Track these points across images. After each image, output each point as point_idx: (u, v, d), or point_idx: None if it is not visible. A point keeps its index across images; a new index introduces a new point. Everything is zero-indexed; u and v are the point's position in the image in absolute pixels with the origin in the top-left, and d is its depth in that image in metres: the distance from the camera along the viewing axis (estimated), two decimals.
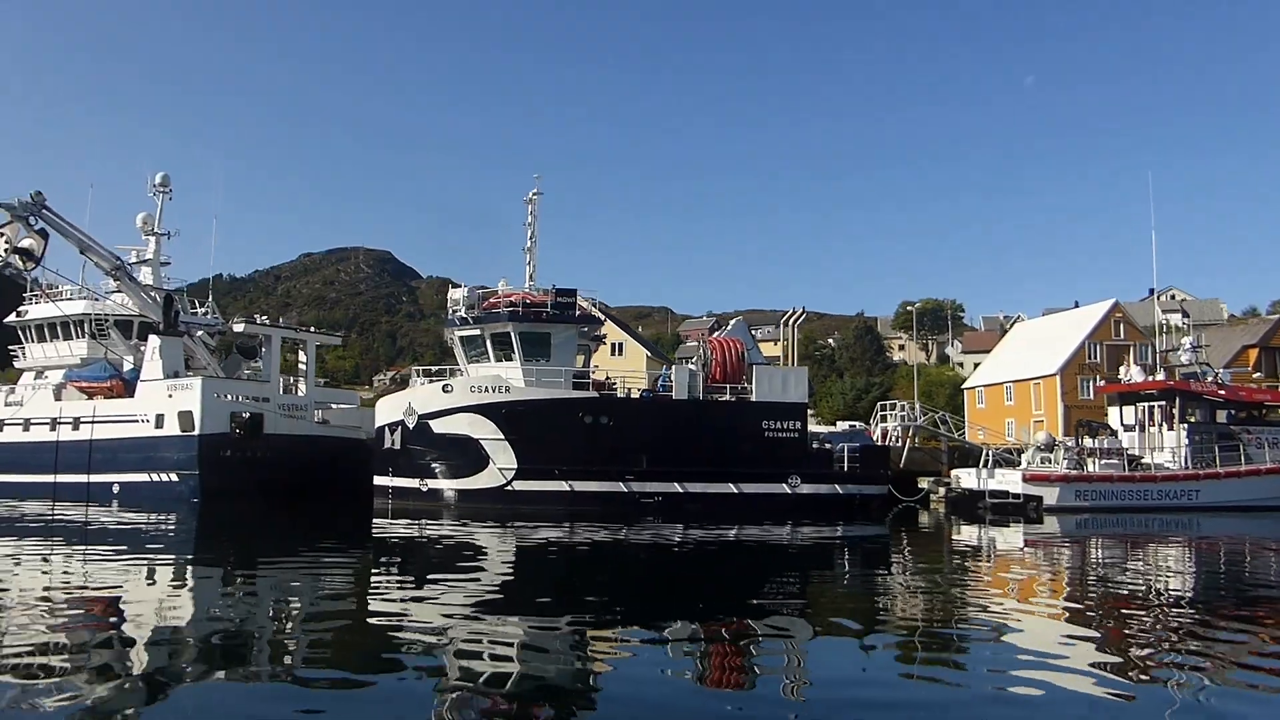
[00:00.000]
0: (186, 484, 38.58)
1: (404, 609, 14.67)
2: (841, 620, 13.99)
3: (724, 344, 37.21)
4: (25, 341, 46.98)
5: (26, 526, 29.46)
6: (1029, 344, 67.79)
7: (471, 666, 10.49)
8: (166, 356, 39.99)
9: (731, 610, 14.66)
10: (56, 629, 12.52)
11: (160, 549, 24.28)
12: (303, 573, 19.52)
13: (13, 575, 18.63)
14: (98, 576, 18.25)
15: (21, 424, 43.72)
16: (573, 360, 36.47)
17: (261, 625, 13.51)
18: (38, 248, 39.02)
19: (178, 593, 17.03)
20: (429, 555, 23.13)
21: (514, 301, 35.98)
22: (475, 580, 18.20)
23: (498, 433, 34.81)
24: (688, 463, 35.34)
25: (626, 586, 18.54)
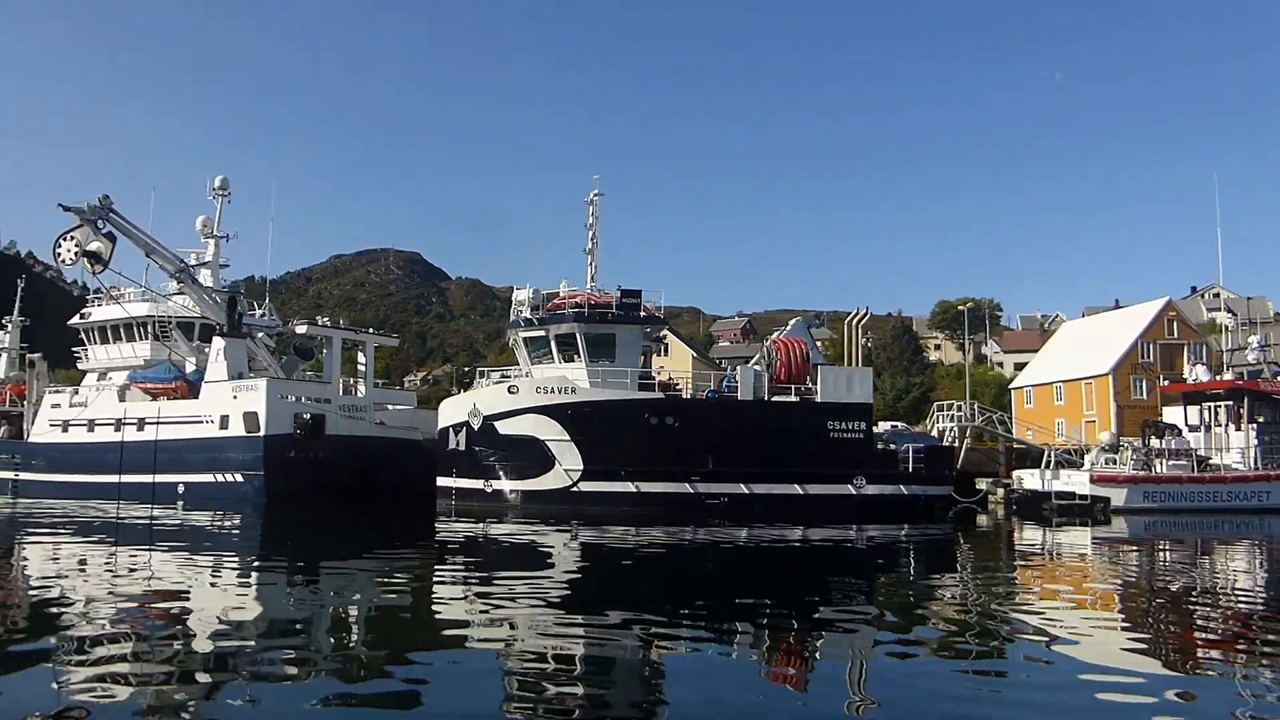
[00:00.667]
0: (252, 484, 38.91)
1: (469, 609, 14.68)
2: (909, 624, 13.74)
3: (788, 344, 37.08)
4: (88, 343, 47.54)
5: (93, 526, 29.81)
6: (1078, 343, 67.12)
7: (536, 668, 10.46)
8: (231, 358, 40.35)
9: (798, 613, 14.55)
10: (123, 628, 12.60)
11: (227, 549, 24.58)
12: (369, 573, 19.64)
13: (80, 575, 18.80)
14: (166, 576, 18.41)
15: (86, 424, 44.28)
16: (637, 361, 36.47)
17: (327, 625, 13.58)
18: (106, 251, 39.47)
19: (245, 592, 17.18)
20: (494, 556, 23.23)
21: (579, 302, 36.03)
22: (541, 581, 18.18)
23: (564, 434, 34.86)
24: (753, 464, 35.23)
25: (693, 588, 18.45)
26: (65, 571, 19.39)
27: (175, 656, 10.98)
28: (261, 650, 11.58)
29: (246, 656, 11.17)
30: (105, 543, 24.75)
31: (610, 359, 35.87)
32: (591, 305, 35.94)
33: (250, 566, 21.22)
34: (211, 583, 17.89)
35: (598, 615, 13.79)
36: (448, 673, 10.38)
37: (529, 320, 36.61)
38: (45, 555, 22.31)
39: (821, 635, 12.62)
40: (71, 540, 25.29)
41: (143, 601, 14.92)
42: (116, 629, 12.55)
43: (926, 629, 13.40)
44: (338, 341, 42.86)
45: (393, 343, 49.31)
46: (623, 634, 12.44)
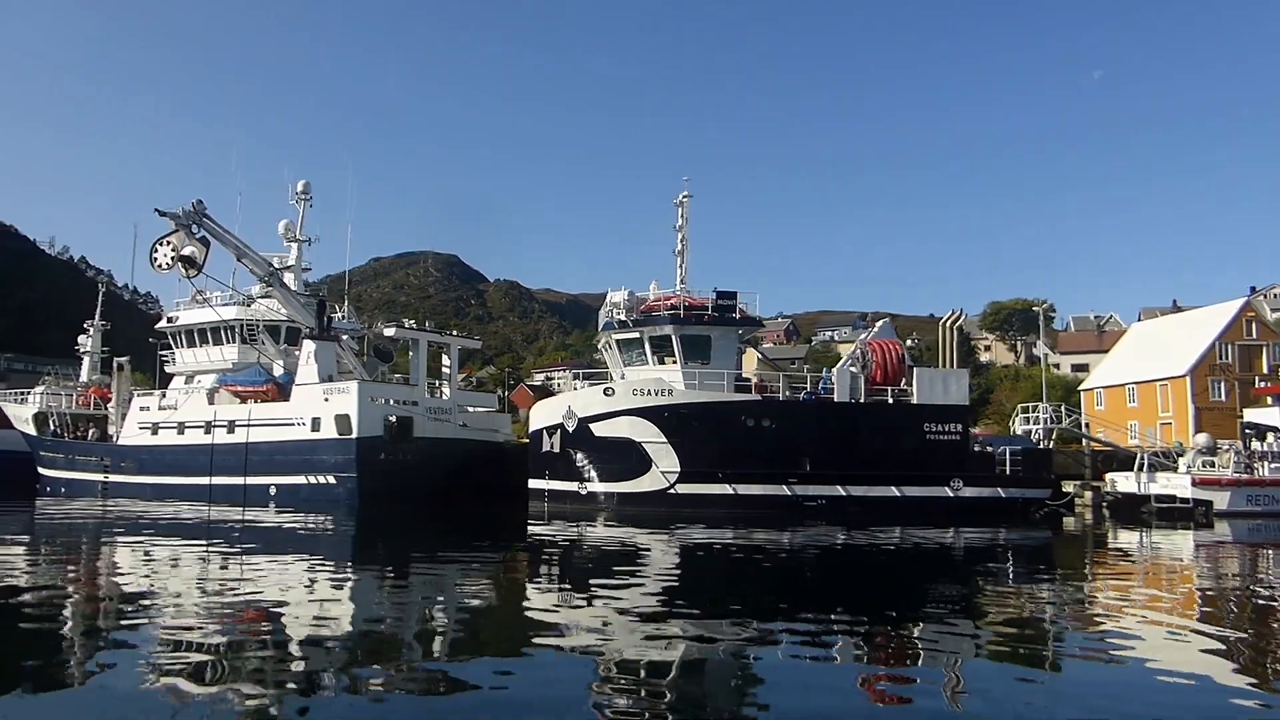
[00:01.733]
0: (344, 486, 39.17)
1: (564, 611, 14.65)
2: (1016, 632, 13.41)
3: (884, 346, 36.77)
4: (175, 346, 48.13)
5: (186, 527, 30.14)
6: (1150, 345, 66.05)
7: (629, 671, 10.39)
8: (321, 361, 40.67)
9: (898, 618, 14.36)
10: (218, 627, 12.74)
11: (322, 551, 24.70)
12: (463, 574, 19.75)
13: (177, 574, 19.05)
14: (260, 577, 18.55)
15: (176, 427, 44.83)
16: (733, 363, 36.41)
17: (421, 626, 13.62)
18: (200, 255, 39.96)
19: (340, 592, 17.24)
20: (589, 558, 23.15)
21: (675, 304, 35.95)
22: (637, 583, 18.11)
23: (660, 436, 34.80)
24: (850, 466, 34.98)
25: (791, 591, 18.32)
26: (160, 571, 19.67)
27: (266, 656, 11.11)
28: (354, 650, 11.69)
29: (338, 654, 11.29)
30: (198, 543, 24.96)
31: (705, 360, 35.82)
32: (687, 307, 35.86)
33: (345, 567, 21.37)
34: (307, 583, 18.08)
35: (694, 618, 13.68)
36: (539, 675, 10.39)
37: (623, 322, 36.59)
38: (139, 556, 22.58)
39: (923, 642, 12.37)
40: (165, 541, 25.56)
41: (237, 601, 15.08)
42: (212, 628, 12.72)
43: (1033, 638, 13.03)
44: (424, 344, 43.09)
45: (475, 345, 49.50)
46: (719, 637, 12.34)
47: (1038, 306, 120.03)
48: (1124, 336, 76.12)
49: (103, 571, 20.44)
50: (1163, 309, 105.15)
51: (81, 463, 48.65)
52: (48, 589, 17.27)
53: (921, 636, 12.68)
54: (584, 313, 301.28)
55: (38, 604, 15.38)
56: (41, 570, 20.58)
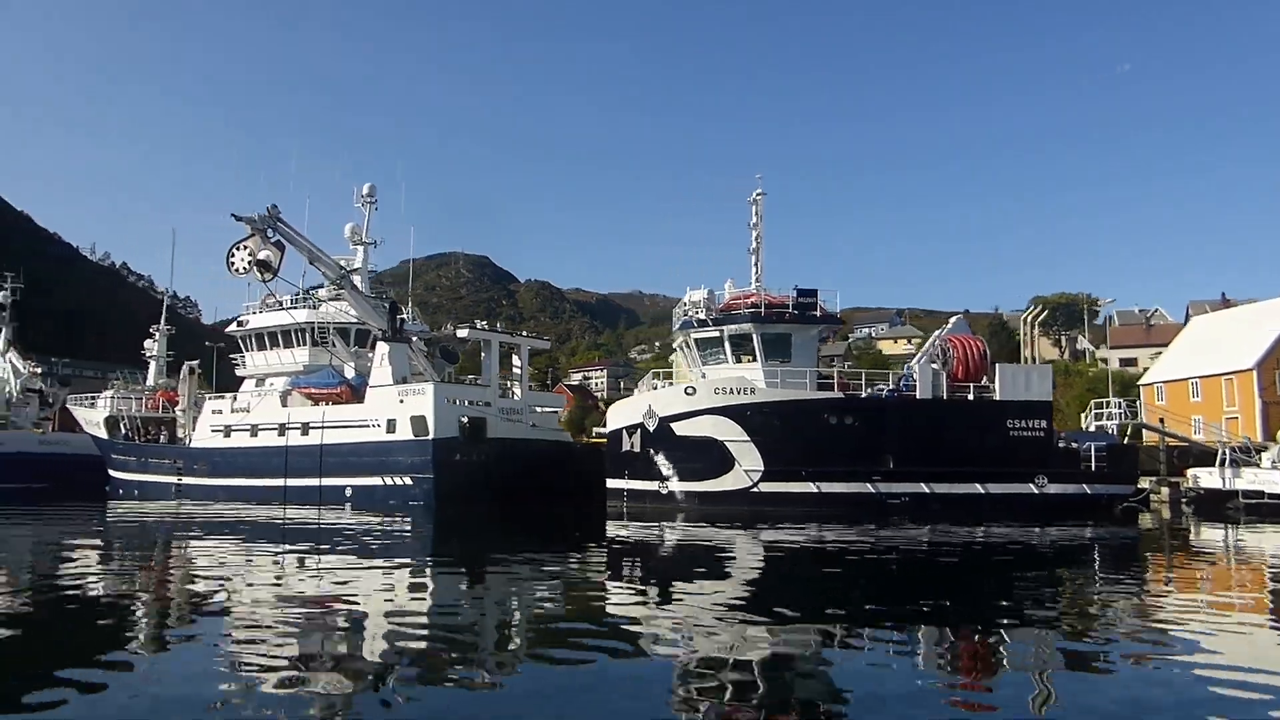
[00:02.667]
0: (421, 487, 39.36)
1: (647, 610, 14.62)
2: (1105, 632, 13.15)
3: (965, 342, 36.48)
4: (245, 350, 48.61)
5: (267, 528, 30.36)
6: (1211, 338, 64.99)
7: (710, 670, 10.31)
8: (395, 362, 40.92)
9: (987, 617, 14.15)
10: (295, 628, 12.78)
11: (400, 551, 24.81)
12: (545, 573, 19.81)
13: (262, 573, 19.25)
14: (341, 576, 18.66)
15: (249, 430, 45.26)
16: (813, 360, 36.24)
17: (503, 625, 13.66)
18: (275, 259, 40.32)
19: (426, 592, 17.34)
20: (671, 557, 23.13)
21: (755, 303, 35.84)
22: (721, 582, 18.02)
23: (743, 434, 34.69)
24: (933, 463, 34.71)
25: (876, 589, 18.18)
26: (246, 569, 19.84)
27: (341, 653, 11.19)
28: (439, 648, 11.74)
29: (414, 653, 11.34)
30: (279, 544, 25.12)
31: (786, 358, 35.69)
32: (768, 305, 35.74)
33: (429, 567, 21.49)
34: (393, 583, 18.20)
35: (777, 618, 13.58)
36: (620, 673, 10.35)
37: (702, 321, 36.52)
38: (222, 555, 22.73)
39: (1010, 645, 12.15)
40: (247, 541, 25.77)
41: (320, 601, 15.25)
42: (298, 625, 12.84)
43: (1128, 641, 12.57)
44: (496, 345, 43.24)
45: (544, 345, 49.68)
46: (802, 638, 12.25)
47: (1084, 302, 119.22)
48: (1183, 330, 75.01)
49: (188, 570, 20.72)
50: (1211, 302, 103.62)
51: (155, 465, 49.23)
52: (137, 585, 17.78)
53: (1010, 639, 12.50)
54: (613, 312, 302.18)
55: (124, 600, 15.81)
56: (134, 568, 21.09)
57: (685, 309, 37.79)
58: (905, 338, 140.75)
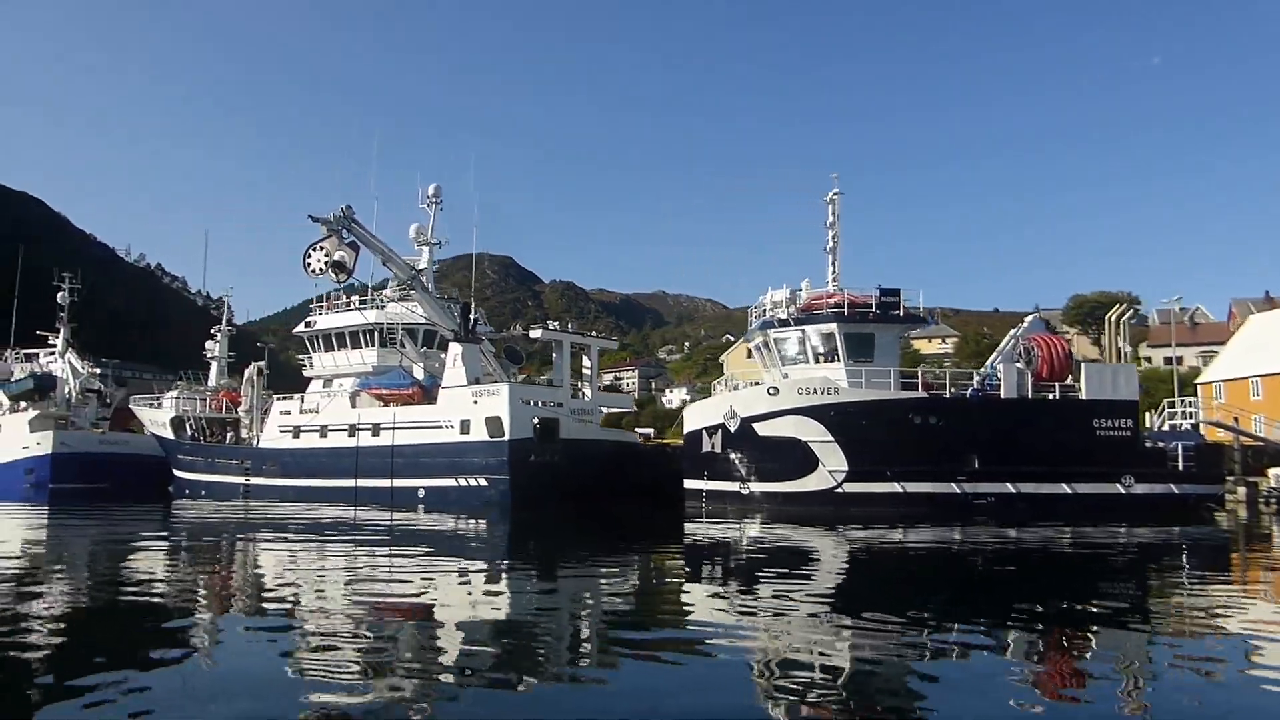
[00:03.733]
0: (497, 489, 39.36)
1: (731, 611, 14.55)
2: (1201, 635, 12.90)
3: (1050, 341, 36.23)
4: (312, 351, 48.81)
5: (339, 529, 30.17)
6: (1270, 336, 64.38)
7: (793, 671, 10.25)
8: (468, 363, 40.96)
9: (1077, 618, 13.99)
10: (368, 631, 12.75)
11: (477, 552, 24.80)
12: (628, 573, 19.85)
13: (342, 575, 19.16)
14: (421, 578, 18.61)
15: (318, 430, 45.43)
16: (896, 360, 36.06)
17: (584, 626, 13.58)
18: (349, 260, 40.50)
19: (506, 593, 17.28)
20: (754, 558, 22.94)
21: (838, 302, 35.68)
22: (806, 582, 17.88)
23: (826, 434, 34.53)
24: (1019, 462, 34.43)
25: (963, 589, 18.03)
26: (316, 571, 19.81)
27: (414, 656, 11.10)
28: (517, 649, 11.73)
29: (493, 657, 11.29)
30: (358, 545, 25.02)
31: (869, 358, 35.52)
32: (851, 305, 35.57)
33: (505, 567, 21.45)
34: (470, 582, 18.27)
35: (864, 619, 13.50)
36: (706, 672, 10.30)
37: (783, 320, 36.38)
38: (299, 556, 22.73)
39: (1101, 649, 11.95)
40: (324, 542, 25.82)
41: (401, 602, 15.19)
42: (382, 626, 12.88)
43: (1220, 640, 12.39)
44: (567, 345, 43.23)
45: (613, 346, 49.67)
46: (889, 639, 12.11)
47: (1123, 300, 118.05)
48: (1241, 328, 74.23)
49: (256, 570, 20.78)
50: (1254, 300, 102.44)
51: (222, 465, 49.53)
52: (229, 585, 18.12)
53: (1100, 641, 12.33)
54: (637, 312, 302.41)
55: (206, 598, 16.07)
56: (224, 567, 21.36)
57: (764, 308, 37.65)
58: (940, 337, 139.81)
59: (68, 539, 28.77)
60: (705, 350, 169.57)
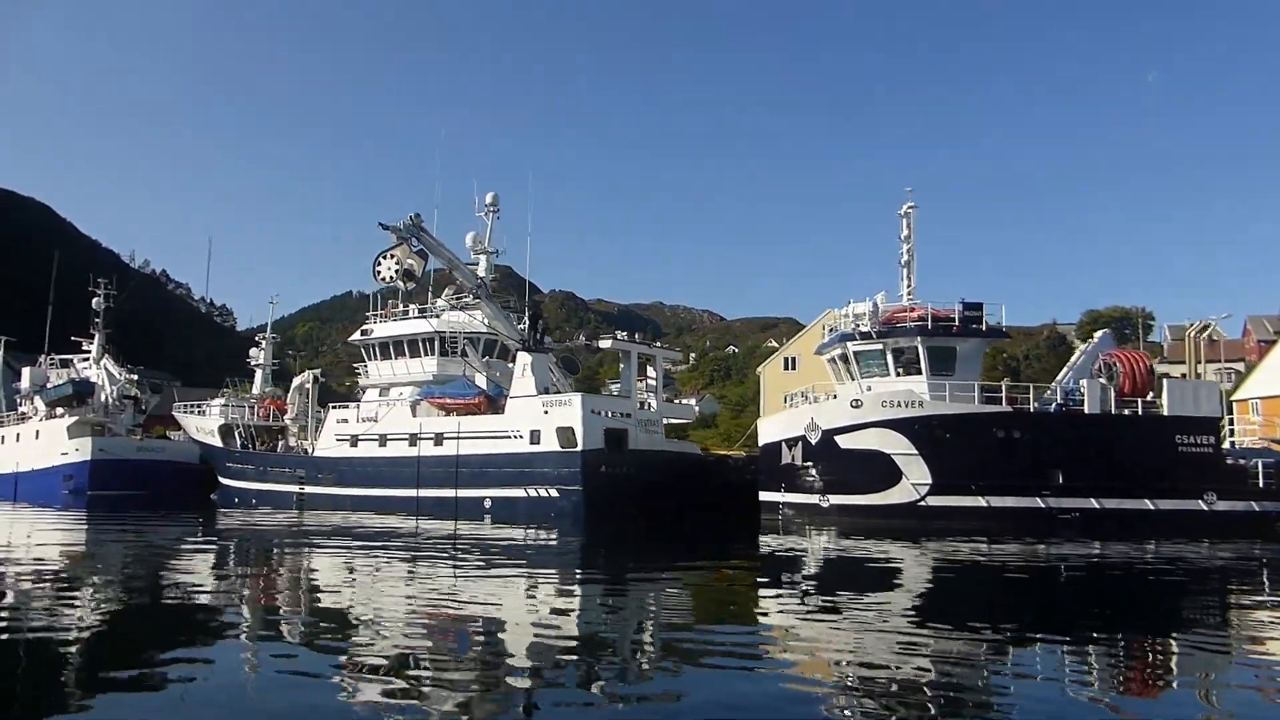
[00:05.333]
0: (569, 500, 39.07)
1: (811, 624, 14.59)
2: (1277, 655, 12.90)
3: (1132, 357, 36.32)
4: (369, 359, 48.44)
5: (410, 540, 29.81)
6: None
7: (879, 681, 10.26)
8: (537, 373, 40.73)
9: (1159, 634, 14.08)
10: (459, 638, 12.90)
11: (550, 563, 24.71)
12: (704, 585, 19.98)
13: (410, 585, 19.11)
14: (532, 591, 18.65)
15: (377, 439, 45.04)
16: (977, 374, 36.03)
17: (666, 637, 13.62)
18: (418, 268, 40.41)
19: (568, 605, 17.21)
20: (834, 571, 23.03)
21: (921, 315, 35.65)
22: (888, 594, 17.90)
23: (910, 448, 34.47)
24: (1101, 478, 34.43)
25: (1047, 603, 18.05)
26: (380, 581, 19.73)
27: (480, 668, 11.08)
28: (594, 659, 11.78)
29: (566, 664, 11.36)
30: (433, 556, 24.90)
31: (950, 372, 35.50)
32: (935, 319, 35.55)
33: (582, 578, 21.50)
34: (553, 593, 18.35)
35: (945, 633, 13.48)
36: (774, 689, 10.22)
37: (865, 333, 36.31)
38: (373, 565, 22.56)
39: (1182, 667, 11.98)
40: (394, 552, 25.64)
41: (486, 614, 15.17)
42: (430, 643, 12.76)
43: None
44: (635, 355, 43.08)
45: (677, 356, 49.52)
46: (971, 654, 12.11)
47: (1138, 316, 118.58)
48: (1277, 345, 74.54)
49: (317, 580, 20.62)
50: (1269, 318, 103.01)
51: (274, 474, 49.04)
52: (302, 594, 18.32)
53: (1182, 658, 12.37)
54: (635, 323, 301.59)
55: (266, 606, 16.26)
56: (281, 576, 21.56)
57: (844, 321, 37.54)
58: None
59: (130, 546, 28.30)
60: (711, 361, 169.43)
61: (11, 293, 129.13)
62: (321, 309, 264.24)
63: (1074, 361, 39.70)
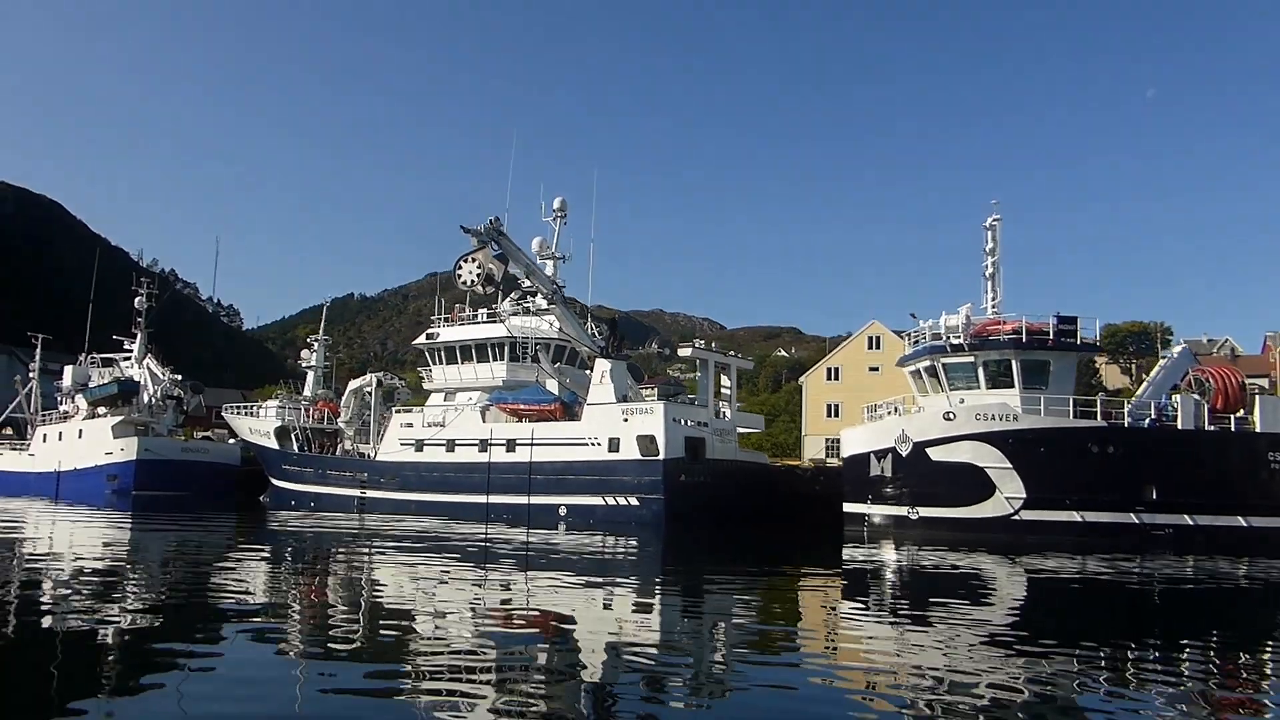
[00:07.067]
0: (649, 508, 38.79)
1: (902, 635, 14.48)
2: None
3: (1225, 372, 36.31)
4: (433, 363, 48.06)
5: (483, 546, 29.56)
6: None
7: (968, 695, 10.20)
8: (616, 380, 40.49)
9: (1254, 653, 13.95)
10: (547, 647, 12.73)
11: (632, 572, 24.63)
12: (793, 598, 19.92)
13: (480, 592, 18.95)
14: (581, 599, 18.45)
15: (444, 444, 44.66)
16: (1070, 388, 35.94)
17: (754, 648, 13.47)
18: (498, 272, 40.12)
19: (651, 615, 17.04)
20: (924, 583, 22.84)
21: (1015, 329, 35.56)
22: (978, 609, 17.70)
23: (1004, 461, 34.37)
24: (1194, 494, 34.39)
25: (1141, 619, 17.82)
26: (447, 589, 19.53)
27: (555, 679, 10.94)
28: (682, 670, 11.77)
29: (645, 673, 11.26)
30: (501, 565, 24.62)
31: (1043, 386, 35.41)
32: (1029, 332, 35.46)
33: (657, 590, 21.24)
34: (643, 603, 18.24)
35: (1036, 648, 13.36)
36: (858, 702, 10.22)
37: (956, 346, 36.18)
38: (453, 572, 22.33)
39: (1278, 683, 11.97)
40: (469, 559, 25.38)
41: (542, 622, 14.96)
42: (505, 647, 12.67)
43: None
44: (712, 364, 42.92)
45: (748, 365, 49.39)
46: (1061, 669, 11.95)
47: (1156, 330, 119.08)
48: None
49: (393, 587, 20.31)
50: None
51: (334, 477, 48.56)
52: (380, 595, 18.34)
53: (1276, 682, 12.23)
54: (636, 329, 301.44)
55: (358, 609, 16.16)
56: (357, 578, 21.39)
57: (930, 333, 37.38)
58: None
59: (205, 548, 28.14)
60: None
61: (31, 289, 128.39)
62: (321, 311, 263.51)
63: (1154, 376, 39.67)
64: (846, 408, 66.64)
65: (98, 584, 18.61)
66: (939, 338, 37.29)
